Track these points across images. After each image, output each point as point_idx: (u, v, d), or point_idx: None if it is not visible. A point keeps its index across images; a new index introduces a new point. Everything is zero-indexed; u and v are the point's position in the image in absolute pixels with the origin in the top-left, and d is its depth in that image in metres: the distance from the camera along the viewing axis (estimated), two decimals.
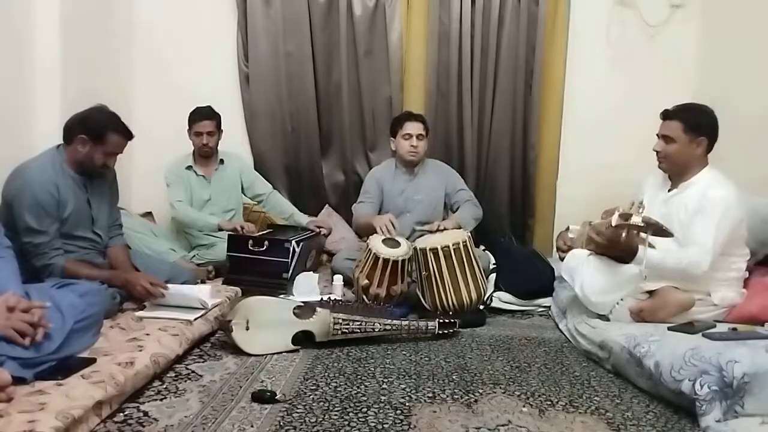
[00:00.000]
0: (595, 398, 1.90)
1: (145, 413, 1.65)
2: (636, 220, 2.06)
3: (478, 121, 3.76)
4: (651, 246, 2.24)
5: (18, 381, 1.55)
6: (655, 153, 2.42)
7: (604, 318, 2.34)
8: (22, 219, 2.19)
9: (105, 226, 2.49)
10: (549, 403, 1.85)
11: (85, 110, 2.33)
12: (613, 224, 2.12)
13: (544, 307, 2.94)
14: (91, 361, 1.76)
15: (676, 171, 2.41)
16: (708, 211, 2.22)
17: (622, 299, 2.30)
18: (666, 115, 2.39)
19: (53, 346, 1.72)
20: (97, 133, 2.28)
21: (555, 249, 3.03)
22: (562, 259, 2.67)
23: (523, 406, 1.81)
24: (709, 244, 2.18)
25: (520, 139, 3.78)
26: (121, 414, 1.63)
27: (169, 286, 2.35)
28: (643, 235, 2.19)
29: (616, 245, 2.23)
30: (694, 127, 2.32)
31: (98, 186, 2.44)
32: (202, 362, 2.08)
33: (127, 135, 2.36)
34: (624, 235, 2.17)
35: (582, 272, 2.41)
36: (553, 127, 3.79)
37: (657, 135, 2.42)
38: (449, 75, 3.70)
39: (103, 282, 2.21)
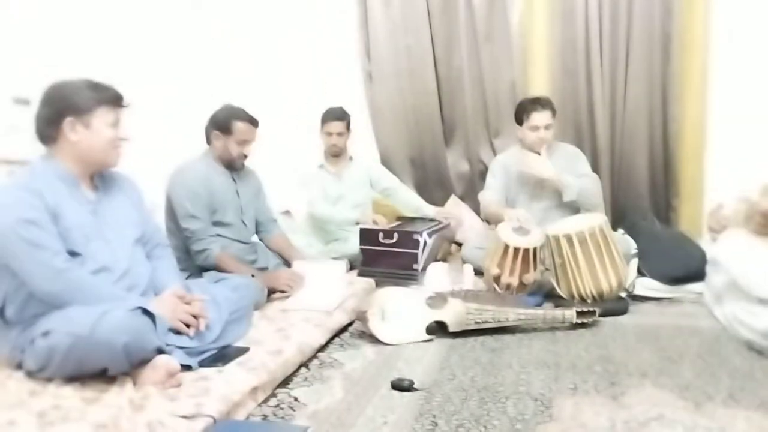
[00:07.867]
0: (761, 392, 1.72)
1: (296, 398, 1.75)
2: None
3: (609, 97, 3.55)
4: None
5: (185, 368, 1.72)
6: None
7: None
8: (182, 206, 2.48)
9: (252, 217, 2.74)
10: (706, 396, 1.71)
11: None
12: None
13: (696, 293, 2.71)
14: (245, 349, 1.90)
15: None
16: None
17: None
18: None
19: (213, 336, 1.90)
20: (224, 125, 2.54)
21: (706, 229, 2.78)
22: (715, 241, 2.44)
23: (677, 400, 1.69)
24: None
25: (658, 112, 3.50)
26: (274, 398, 1.75)
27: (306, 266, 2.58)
28: None
29: None
30: None
31: (245, 181, 2.70)
32: (343, 351, 2.17)
33: (252, 121, 2.58)
34: None
35: (742, 254, 2.21)
36: (697, 96, 3.45)
37: None
38: (575, 51, 3.53)
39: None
